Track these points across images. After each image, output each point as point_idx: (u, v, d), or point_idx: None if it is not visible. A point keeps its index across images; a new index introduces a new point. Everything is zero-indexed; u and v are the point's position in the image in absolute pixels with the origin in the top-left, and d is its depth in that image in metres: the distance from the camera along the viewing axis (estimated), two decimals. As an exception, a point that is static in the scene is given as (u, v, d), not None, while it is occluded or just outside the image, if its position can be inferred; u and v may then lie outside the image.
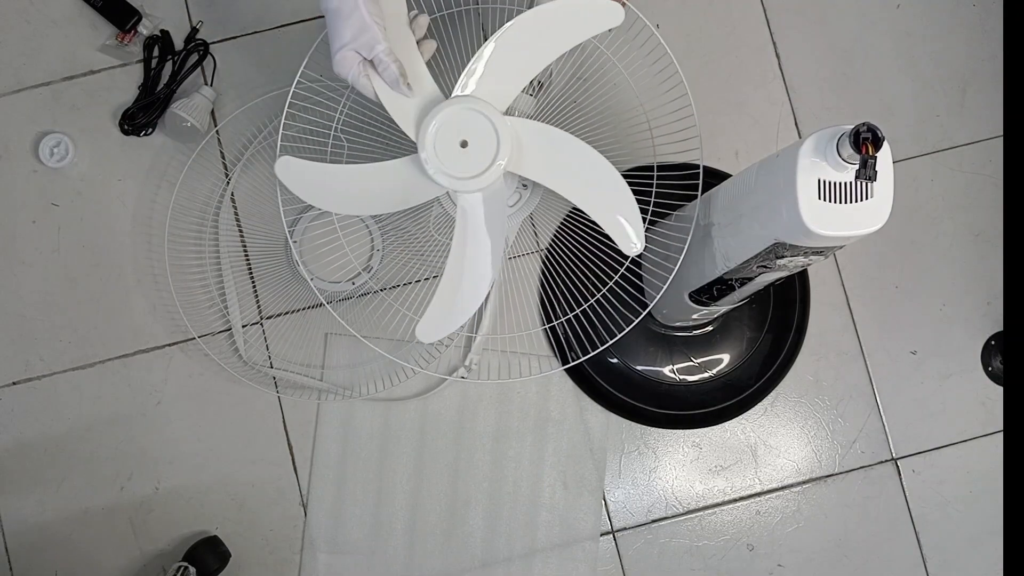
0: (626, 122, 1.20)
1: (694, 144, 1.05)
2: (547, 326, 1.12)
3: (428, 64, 0.97)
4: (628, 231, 0.97)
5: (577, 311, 1.13)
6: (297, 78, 1.04)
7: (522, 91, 1.11)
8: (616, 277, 1.09)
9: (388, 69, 0.92)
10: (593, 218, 0.97)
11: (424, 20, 0.98)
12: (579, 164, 0.97)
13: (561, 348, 1.23)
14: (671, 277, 1.06)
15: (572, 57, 1.08)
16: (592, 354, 1.10)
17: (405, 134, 0.96)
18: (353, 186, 0.99)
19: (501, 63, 0.95)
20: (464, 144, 0.94)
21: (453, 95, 0.95)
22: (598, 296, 1.10)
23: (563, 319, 1.17)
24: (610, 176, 0.97)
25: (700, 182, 1.05)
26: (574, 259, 1.15)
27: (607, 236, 1.13)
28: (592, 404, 1.28)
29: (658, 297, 1.10)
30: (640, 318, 1.09)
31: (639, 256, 0.99)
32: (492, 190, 0.96)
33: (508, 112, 1.10)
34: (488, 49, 0.95)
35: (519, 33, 0.95)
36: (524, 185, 1.11)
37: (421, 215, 1.20)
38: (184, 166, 1.28)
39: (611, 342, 1.11)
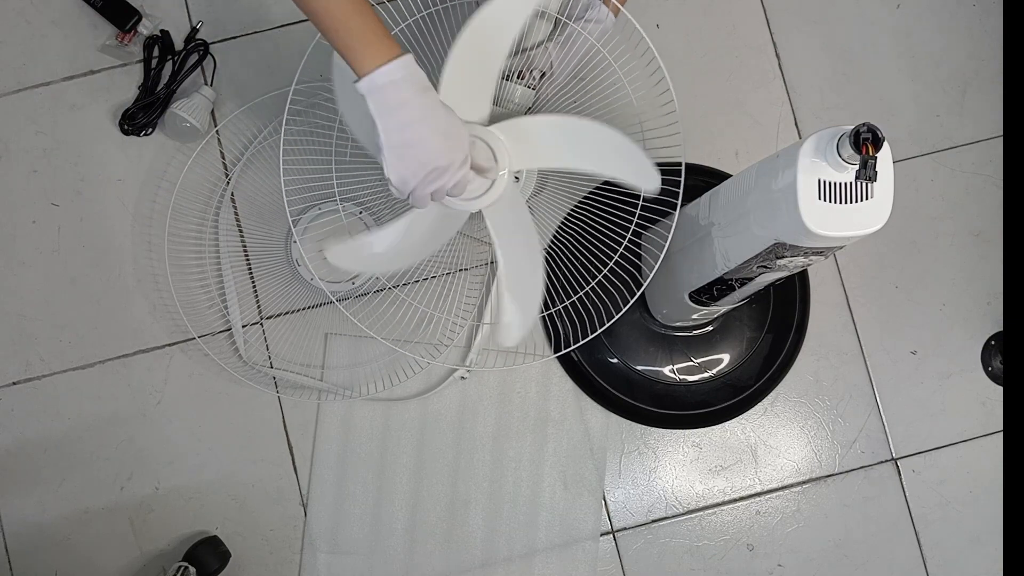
0: (622, 122, 1.19)
1: (678, 140, 1.08)
2: (546, 313, 1.14)
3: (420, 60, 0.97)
4: (644, 174, 1.01)
5: (574, 298, 1.15)
6: (296, 78, 1.04)
7: (523, 85, 1.12)
8: (612, 263, 1.11)
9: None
10: (610, 177, 1.03)
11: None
12: (584, 138, 1.02)
13: (559, 344, 1.23)
14: (662, 254, 1.08)
15: (572, 55, 1.09)
16: (587, 340, 1.12)
17: None
18: (391, 244, 1.01)
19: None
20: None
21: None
22: (599, 277, 1.12)
23: (560, 306, 1.17)
24: (611, 139, 1.01)
25: (682, 179, 1.08)
26: (575, 253, 1.17)
27: (606, 231, 1.14)
28: (592, 404, 1.28)
29: (651, 275, 1.11)
30: (635, 298, 1.12)
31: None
32: (508, 195, 0.99)
33: (507, 105, 1.11)
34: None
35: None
36: (516, 178, 1.12)
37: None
38: (184, 166, 1.28)
39: (607, 325, 1.13)
